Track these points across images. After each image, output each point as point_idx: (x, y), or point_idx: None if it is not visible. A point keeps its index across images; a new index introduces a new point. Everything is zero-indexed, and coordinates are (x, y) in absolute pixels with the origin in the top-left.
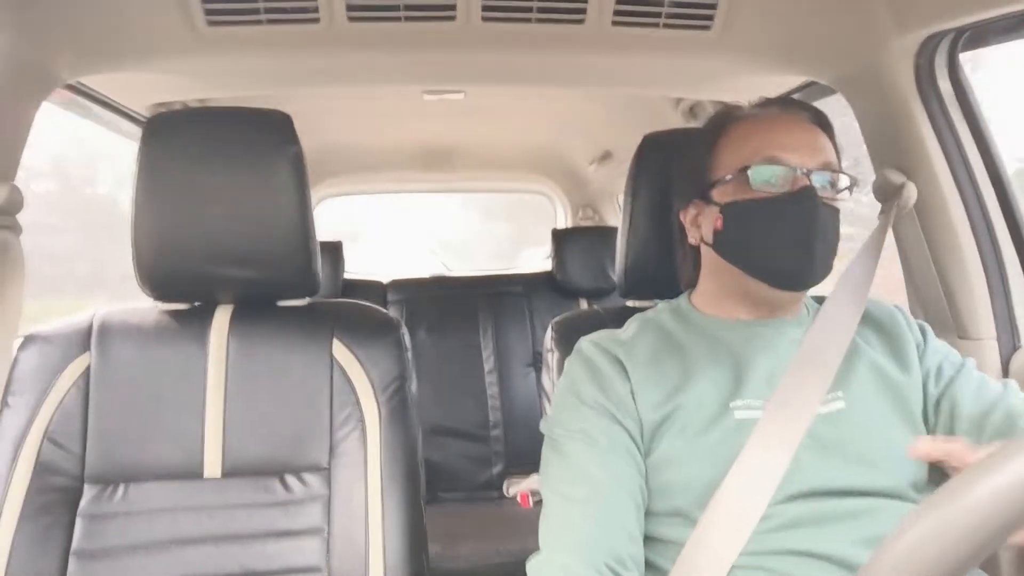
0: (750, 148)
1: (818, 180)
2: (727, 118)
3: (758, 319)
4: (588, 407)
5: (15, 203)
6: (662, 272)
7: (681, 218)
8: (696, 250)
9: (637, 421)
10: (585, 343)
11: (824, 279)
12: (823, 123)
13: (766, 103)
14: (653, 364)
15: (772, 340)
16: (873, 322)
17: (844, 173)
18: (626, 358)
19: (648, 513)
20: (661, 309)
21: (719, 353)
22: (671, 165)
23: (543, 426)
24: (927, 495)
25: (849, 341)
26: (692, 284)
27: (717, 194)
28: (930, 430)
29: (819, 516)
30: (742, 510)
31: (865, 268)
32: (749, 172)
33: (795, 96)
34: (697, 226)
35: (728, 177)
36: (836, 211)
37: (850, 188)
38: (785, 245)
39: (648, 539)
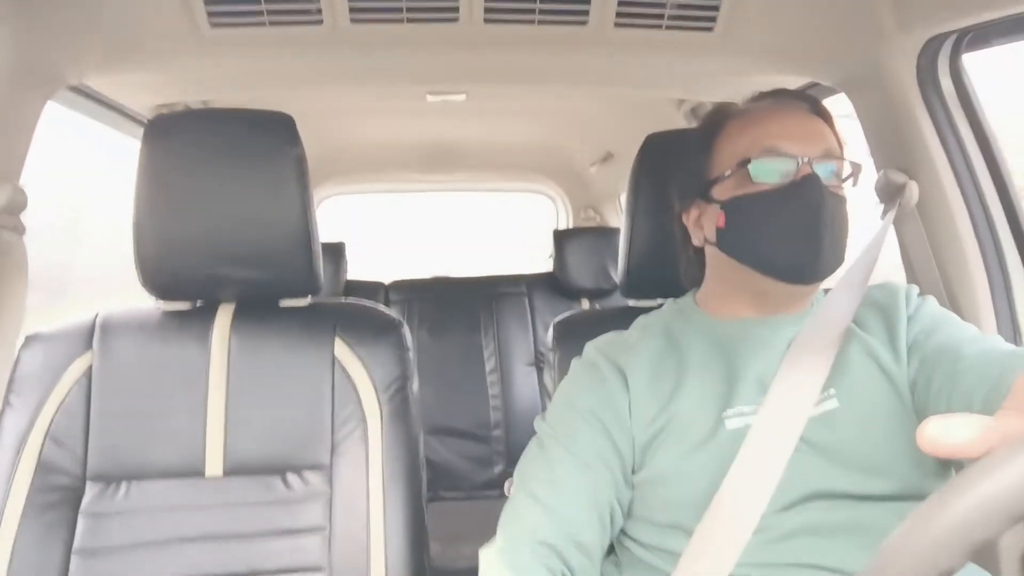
0: (747, 141)
1: (821, 169)
2: (722, 116)
3: (758, 317)
4: (580, 416)
5: (18, 203)
6: (664, 272)
7: (684, 220)
8: (701, 252)
9: (629, 437)
10: (592, 348)
11: (835, 271)
12: (821, 112)
13: (759, 96)
14: (652, 373)
15: (767, 341)
16: (872, 302)
17: (848, 160)
18: (628, 368)
19: (648, 523)
20: (667, 310)
21: (714, 358)
22: (673, 166)
23: (537, 421)
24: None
25: (840, 342)
26: (697, 284)
27: (717, 192)
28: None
29: (818, 525)
30: (737, 521)
31: (864, 268)
32: (749, 165)
33: None
34: (700, 227)
35: (728, 173)
36: (843, 199)
37: (854, 176)
38: (791, 237)
39: (652, 548)
